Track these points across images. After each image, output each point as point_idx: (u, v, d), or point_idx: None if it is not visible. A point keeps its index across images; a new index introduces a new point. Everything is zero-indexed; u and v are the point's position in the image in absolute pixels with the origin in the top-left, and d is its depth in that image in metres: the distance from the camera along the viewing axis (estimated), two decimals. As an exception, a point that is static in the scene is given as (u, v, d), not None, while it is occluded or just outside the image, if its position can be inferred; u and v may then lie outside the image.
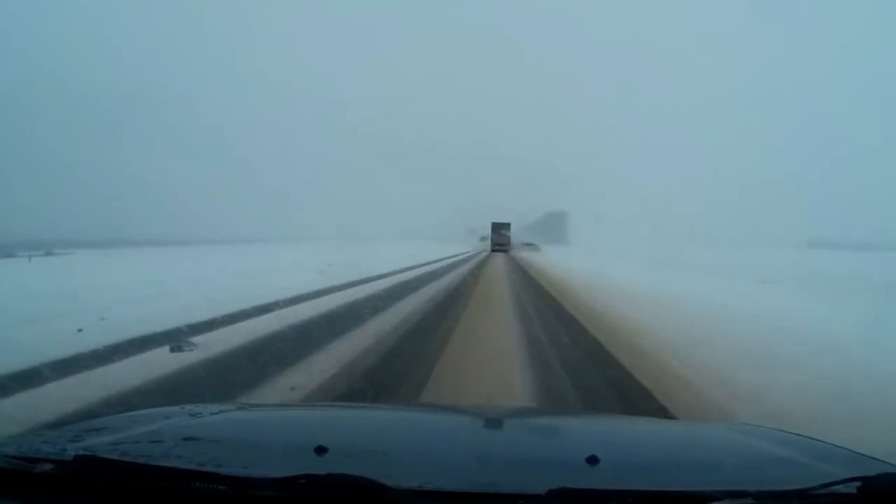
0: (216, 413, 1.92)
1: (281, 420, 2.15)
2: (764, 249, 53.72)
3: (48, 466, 1.21)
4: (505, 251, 66.52)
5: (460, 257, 42.72)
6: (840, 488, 1.18)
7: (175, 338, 6.73)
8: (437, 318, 10.09)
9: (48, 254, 30.30)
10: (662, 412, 4.45)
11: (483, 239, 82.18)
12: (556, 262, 37.04)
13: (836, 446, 1.65)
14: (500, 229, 72.58)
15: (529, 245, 61.75)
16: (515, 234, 75.23)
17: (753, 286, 16.49)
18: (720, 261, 32.43)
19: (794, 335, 7.74)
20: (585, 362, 6.71)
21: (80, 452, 1.24)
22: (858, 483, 1.18)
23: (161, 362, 5.76)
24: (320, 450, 1.35)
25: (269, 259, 26.01)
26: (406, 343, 7.60)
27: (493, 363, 6.48)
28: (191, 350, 6.29)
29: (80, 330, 6.97)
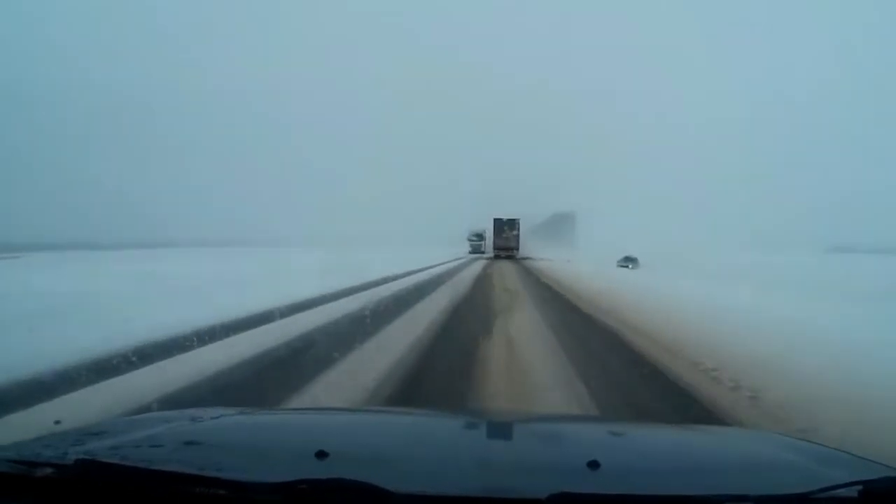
0: (217, 417, 1.92)
1: (281, 424, 2.15)
2: (816, 254, 49.58)
3: (49, 470, 1.22)
4: (511, 256, 52.02)
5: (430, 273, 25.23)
6: (842, 492, 1.18)
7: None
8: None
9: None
10: None
11: (474, 239, 62.47)
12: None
13: (838, 450, 1.64)
14: (504, 228, 55.38)
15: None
16: (523, 236, 57.43)
17: None
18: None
19: None
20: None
21: (81, 456, 1.24)
22: (860, 487, 1.17)
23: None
24: (321, 454, 1.35)
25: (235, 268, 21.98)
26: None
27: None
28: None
29: None
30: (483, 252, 61.04)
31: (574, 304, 13.92)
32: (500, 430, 2.17)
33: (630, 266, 38.11)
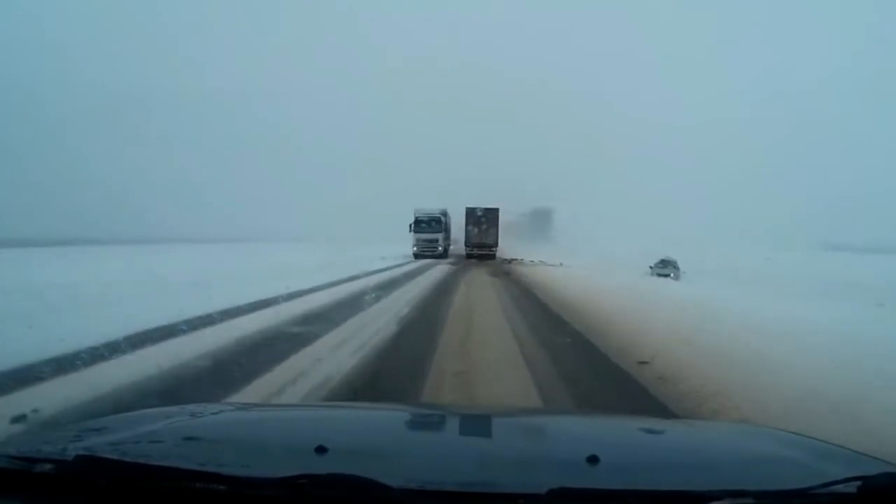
0: (216, 413, 1.93)
1: (281, 420, 2.15)
2: (817, 253, 47.97)
3: (49, 466, 1.22)
4: (489, 256, 38.71)
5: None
6: (840, 488, 1.18)
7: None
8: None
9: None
10: None
11: (423, 230, 39.04)
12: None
13: (837, 446, 1.65)
14: (479, 220, 40.35)
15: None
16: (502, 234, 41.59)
17: None
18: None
19: None
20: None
21: (81, 452, 1.24)
22: (859, 482, 1.18)
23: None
24: (320, 449, 1.35)
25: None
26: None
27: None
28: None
29: None
30: (442, 254, 38.46)
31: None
32: (500, 425, 2.17)
33: (671, 275, 27.50)
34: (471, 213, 40.88)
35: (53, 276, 14.02)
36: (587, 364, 6.75)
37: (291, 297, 11.83)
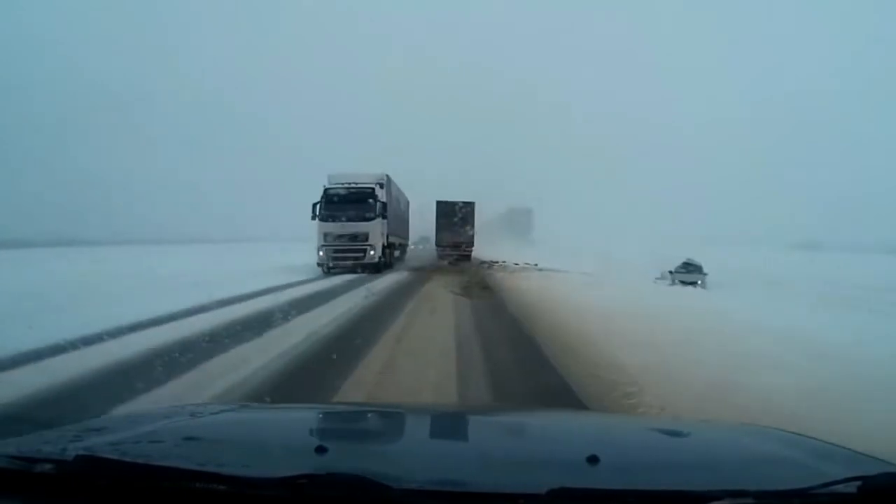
0: (216, 413, 1.93)
1: (281, 420, 2.15)
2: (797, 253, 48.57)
3: (49, 466, 1.21)
4: (465, 257, 32.20)
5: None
6: (840, 488, 1.18)
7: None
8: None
9: None
10: None
11: (332, 215, 22.66)
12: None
13: (837, 446, 1.64)
14: (452, 216, 33.10)
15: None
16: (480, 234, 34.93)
17: None
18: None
19: None
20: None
21: (81, 452, 1.24)
22: (859, 482, 1.17)
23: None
24: (320, 449, 1.35)
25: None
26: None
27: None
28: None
29: None
30: (379, 263, 22.79)
31: None
32: (500, 425, 2.17)
33: (699, 283, 22.41)
34: (443, 209, 33.59)
35: (55, 278, 14.81)
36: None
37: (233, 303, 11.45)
